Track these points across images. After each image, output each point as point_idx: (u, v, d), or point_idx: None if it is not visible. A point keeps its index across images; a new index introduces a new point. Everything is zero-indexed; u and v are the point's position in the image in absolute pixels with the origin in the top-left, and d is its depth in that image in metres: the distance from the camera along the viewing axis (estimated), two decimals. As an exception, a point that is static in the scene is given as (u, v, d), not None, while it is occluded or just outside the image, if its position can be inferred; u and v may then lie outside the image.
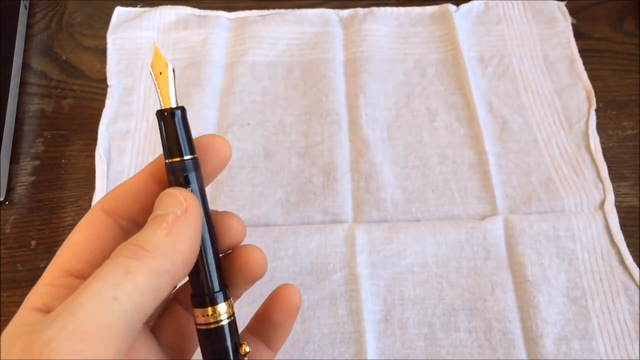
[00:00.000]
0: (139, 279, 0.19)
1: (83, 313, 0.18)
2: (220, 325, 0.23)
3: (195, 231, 0.21)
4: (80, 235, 0.23)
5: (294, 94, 0.48)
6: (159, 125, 0.23)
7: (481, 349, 0.36)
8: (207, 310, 0.23)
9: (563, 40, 0.50)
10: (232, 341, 0.23)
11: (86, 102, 0.48)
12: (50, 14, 0.53)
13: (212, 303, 0.23)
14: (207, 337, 0.23)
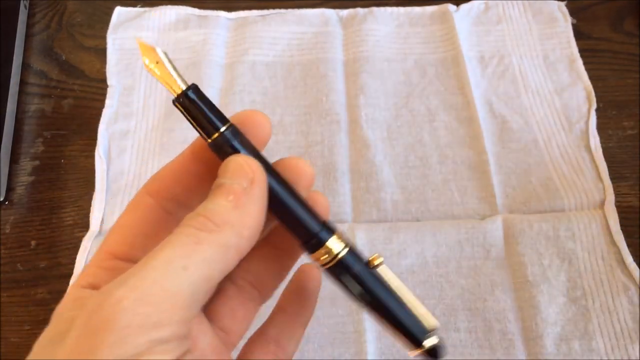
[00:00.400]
0: (208, 251, 0.19)
1: (153, 278, 0.18)
2: (340, 258, 0.23)
3: (261, 204, 0.21)
4: (125, 219, 0.24)
5: (294, 94, 0.48)
6: (182, 113, 0.22)
7: (481, 349, 0.36)
8: (321, 252, 0.23)
9: (563, 40, 0.50)
10: (359, 263, 0.23)
11: (86, 102, 0.48)
12: (50, 13, 0.53)
13: (321, 244, 0.23)
14: (335, 273, 0.23)
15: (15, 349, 0.38)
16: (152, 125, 0.46)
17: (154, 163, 0.44)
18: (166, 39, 0.50)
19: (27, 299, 0.40)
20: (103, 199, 0.42)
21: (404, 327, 0.23)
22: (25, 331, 0.38)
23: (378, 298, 0.23)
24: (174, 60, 0.51)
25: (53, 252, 0.41)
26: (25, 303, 0.39)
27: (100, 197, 0.42)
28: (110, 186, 0.43)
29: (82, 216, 0.43)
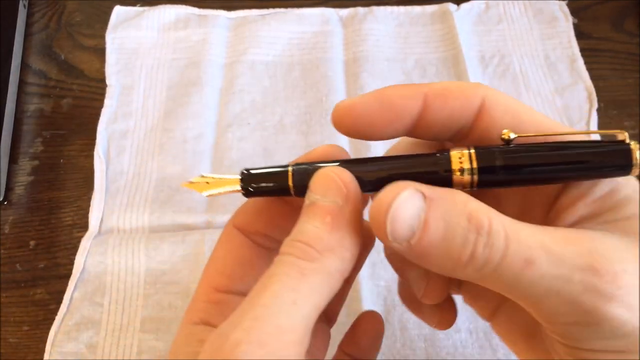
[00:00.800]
0: (314, 282, 0.19)
1: (265, 316, 0.18)
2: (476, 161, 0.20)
3: (358, 221, 0.20)
4: (219, 252, 0.24)
5: (294, 94, 0.47)
6: (259, 193, 0.23)
7: (482, 350, 0.36)
8: (457, 175, 0.20)
9: (564, 40, 0.50)
10: (495, 148, 0.21)
11: (85, 102, 0.48)
12: (50, 13, 0.53)
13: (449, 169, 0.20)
14: (491, 177, 0.20)
15: (14, 349, 0.38)
16: (152, 125, 0.46)
17: (153, 163, 0.44)
18: (166, 39, 0.50)
19: (26, 299, 0.39)
20: (102, 198, 0.42)
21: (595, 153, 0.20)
22: (24, 331, 0.38)
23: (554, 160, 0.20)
24: (174, 59, 0.52)
25: (52, 252, 0.41)
26: (24, 303, 0.39)
27: (100, 197, 0.42)
28: (109, 186, 0.43)
29: (81, 216, 0.43)
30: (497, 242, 0.18)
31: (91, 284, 0.39)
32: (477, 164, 0.20)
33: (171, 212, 0.41)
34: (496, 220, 0.19)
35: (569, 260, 0.18)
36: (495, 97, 0.22)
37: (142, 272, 0.39)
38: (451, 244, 0.19)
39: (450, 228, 0.19)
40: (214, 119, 0.46)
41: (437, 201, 0.19)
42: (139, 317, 0.38)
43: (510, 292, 0.19)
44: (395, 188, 0.19)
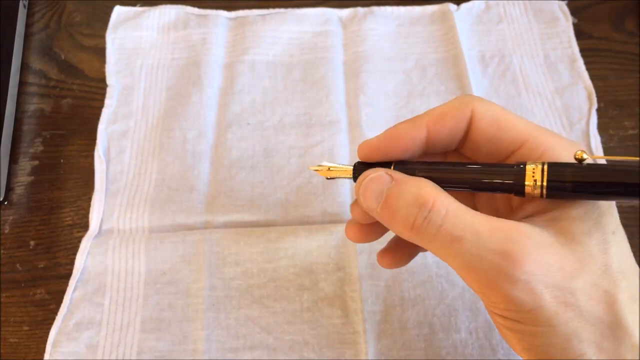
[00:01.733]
0: None
1: None
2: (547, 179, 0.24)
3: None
4: None
5: (294, 94, 0.47)
6: None
7: (482, 350, 0.36)
8: (529, 187, 0.24)
9: (564, 39, 0.50)
10: (568, 167, 0.24)
11: (85, 102, 0.48)
12: (49, 13, 0.53)
13: (521, 184, 0.24)
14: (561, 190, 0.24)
15: (14, 349, 0.38)
16: (152, 124, 0.46)
17: (154, 163, 0.44)
18: (166, 39, 0.50)
19: (26, 299, 0.39)
20: (102, 199, 0.42)
21: None
22: (24, 331, 0.38)
23: (619, 183, 0.23)
24: (174, 59, 0.52)
25: (52, 252, 0.41)
26: (24, 303, 0.39)
27: (100, 197, 0.42)
28: (109, 186, 0.43)
29: (81, 216, 0.43)
30: (435, 218, 0.24)
31: (91, 284, 0.39)
32: (547, 178, 0.24)
33: (171, 212, 0.41)
34: (440, 201, 0.24)
35: (489, 243, 0.23)
36: (482, 109, 0.27)
37: (142, 272, 0.39)
38: (400, 214, 0.25)
39: (401, 202, 0.25)
40: (214, 119, 0.46)
41: (399, 182, 0.26)
42: (139, 317, 0.38)
43: (443, 258, 0.25)
44: (370, 170, 0.27)
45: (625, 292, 0.24)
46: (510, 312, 0.24)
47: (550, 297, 0.23)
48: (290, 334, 0.37)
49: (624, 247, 0.25)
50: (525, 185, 0.24)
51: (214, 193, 0.43)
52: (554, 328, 0.23)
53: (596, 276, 0.23)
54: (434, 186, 0.25)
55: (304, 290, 0.38)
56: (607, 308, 0.23)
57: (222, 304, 0.38)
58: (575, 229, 0.24)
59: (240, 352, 0.36)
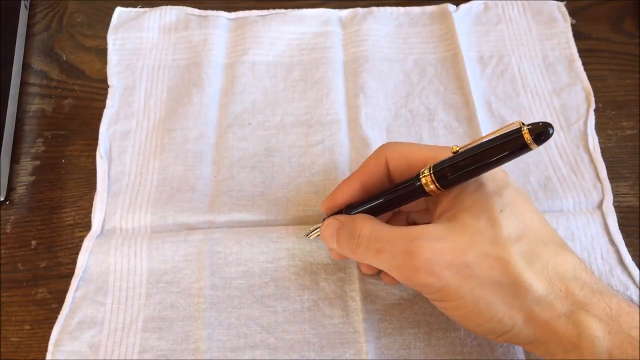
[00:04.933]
0: None
1: None
2: (433, 177, 0.31)
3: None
4: None
5: (294, 94, 0.48)
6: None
7: (480, 348, 0.36)
8: (429, 187, 0.31)
9: (562, 40, 0.50)
10: (446, 162, 0.31)
11: (87, 102, 0.48)
12: (51, 14, 0.53)
13: (421, 189, 0.32)
14: (445, 180, 0.31)
15: (15, 349, 0.38)
16: (153, 125, 0.46)
17: (155, 163, 0.44)
18: (167, 39, 0.51)
19: (27, 298, 0.40)
20: (104, 199, 0.43)
21: (503, 143, 0.28)
22: (26, 331, 0.38)
23: (479, 157, 0.29)
24: (175, 60, 0.52)
25: (53, 252, 0.41)
26: (25, 303, 0.39)
27: (102, 197, 0.43)
28: (111, 186, 0.43)
29: (82, 216, 0.43)
30: (362, 241, 0.32)
31: (93, 284, 0.39)
32: (435, 176, 0.31)
33: (173, 212, 0.42)
34: (365, 229, 0.32)
35: (398, 247, 0.30)
36: (391, 151, 0.35)
37: (144, 272, 0.39)
38: (344, 244, 0.34)
39: (344, 236, 0.34)
40: (215, 119, 0.46)
41: (342, 223, 0.35)
42: (141, 316, 0.38)
43: (378, 266, 0.33)
44: (326, 220, 0.36)
45: (518, 254, 0.28)
46: (431, 294, 0.31)
47: (450, 274, 0.29)
48: (291, 333, 0.37)
49: (520, 217, 0.30)
50: (423, 185, 0.31)
51: (215, 193, 0.43)
52: (464, 298, 0.29)
53: (486, 247, 0.29)
54: (365, 217, 0.34)
55: (305, 290, 0.39)
56: (502, 271, 0.28)
57: (224, 304, 0.38)
58: (465, 216, 0.30)
59: (242, 352, 0.37)
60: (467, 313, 0.30)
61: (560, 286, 0.28)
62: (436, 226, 0.30)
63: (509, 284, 0.28)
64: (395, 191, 0.34)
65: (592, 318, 0.27)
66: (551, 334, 0.28)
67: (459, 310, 0.30)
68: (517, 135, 0.27)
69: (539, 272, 0.28)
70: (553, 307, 0.28)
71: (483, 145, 0.29)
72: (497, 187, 0.31)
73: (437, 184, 0.31)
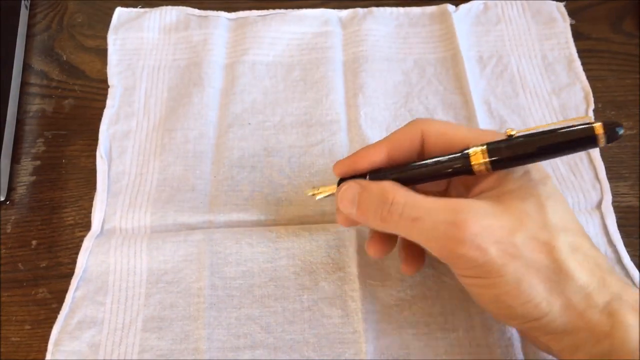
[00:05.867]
0: None
1: None
2: (490, 154, 0.30)
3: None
4: None
5: (294, 94, 0.48)
6: None
7: (479, 348, 0.36)
8: (479, 165, 0.30)
9: (562, 40, 0.50)
10: (502, 143, 0.30)
11: (87, 102, 0.48)
12: (51, 14, 0.53)
13: (469, 163, 0.31)
14: (501, 161, 0.30)
15: (15, 348, 0.38)
16: (153, 125, 0.46)
17: (155, 163, 0.44)
18: (167, 40, 0.51)
19: (27, 298, 0.40)
20: (104, 199, 0.43)
21: (571, 134, 0.28)
22: (26, 331, 0.39)
23: (542, 143, 0.29)
24: (175, 60, 0.52)
25: (54, 252, 0.42)
26: (25, 303, 0.40)
27: (102, 197, 0.43)
28: (111, 186, 0.43)
29: (82, 216, 0.43)
30: (396, 209, 0.30)
31: (93, 284, 0.39)
32: (490, 155, 0.30)
33: (173, 212, 0.42)
34: (398, 195, 0.31)
35: (440, 217, 0.29)
36: (429, 129, 0.33)
37: (144, 272, 0.39)
38: (371, 211, 0.32)
39: (370, 202, 0.32)
40: (215, 119, 0.47)
41: (366, 188, 0.32)
42: (141, 316, 0.38)
43: (409, 236, 0.31)
44: (343, 184, 0.34)
45: (564, 242, 0.28)
46: (468, 269, 0.30)
47: (496, 251, 0.28)
48: (290, 333, 0.37)
49: (562, 210, 0.30)
50: (473, 165, 0.30)
51: (215, 193, 0.43)
52: (505, 277, 0.28)
53: (535, 231, 0.28)
54: (393, 184, 0.32)
55: (305, 289, 0.39)
56: (548, 256, 0.28)
57: (223, 304, 0.38)
58: (512, 198, 0.30)
59: (241, 352, 0.37)
60: (502, 293, 0.29)
61: (599, 277, 0.28)
62: (482, 202, 0.29)
63: (553, 270, 0.28)
64: (436, 163, 0.32)
65: (626, 308, 0.28)
66: (584, 324, 0.28)
67: (493, 289, 0.29)
68: (588, 128, 0.27)
69: (582, 262, 0.28)
70: (591, 298, 0.28)
71: (547, 134, 0.29)
72: (541, 177, 0.31)
73: (489, 164, 0.30)
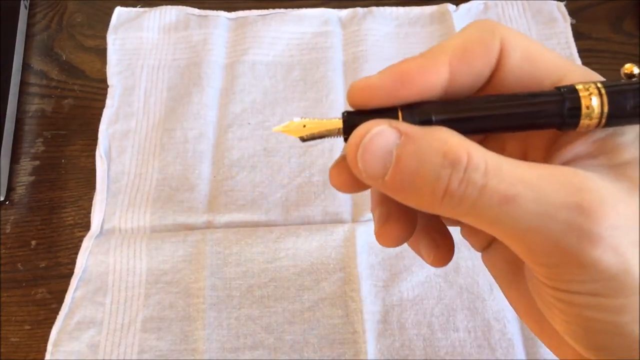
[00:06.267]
0: None
1: None
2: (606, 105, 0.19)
3: None
4: None
5: (294, 94, 0.48)
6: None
7: (480, 349, 0.36)
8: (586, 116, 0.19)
9: (562, 40, 0.50)
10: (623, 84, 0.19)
11: (86, 102, 0.48)
12: (51, 14, 0.53)
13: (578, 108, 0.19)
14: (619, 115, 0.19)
15: (15, 349, 0.38)
16: (153, 125, 0.46)
17: (155, 163, 0.44)
18: (166, 39, 0.51)
19: (27, 298, 0.40)
20: (104, 198, 0.43)
21: None
22: (25, 331, 0.38)
23: None
24: (175, 60, 0.52)
25: (53, 252, 0.41)
26: (25, 303, 0.40)
27: (101, 197, 0.43)
28: (110, 186, 0.43)
29: (82, 216, 0.43)
30: (474, 177, 0.18)
31: (93, 284, 0.39)
32: (608, 102, 0.18)
33: (172, 212, 0.42)
34: (477, 155, 0.18)
35: (553, 197, 0.17)
36: (512, 41, 0.20)
37: (143, 272, 0.39)
38: (424, 180, 0.18)
39: (423, 163, 0.18)
40: (215, 119, 0.46)
41: (412, 137, 0.18)
42: (140, 316, 0.38)
43: (492, 229, 0.19)
44: (368, 124, 0.19)
45: None
46: (587, 283, 0.18)
47: (633, 255, 0.17)
48: (291, 333, 0.37)
49: None
50: (582, 108, 0.18)
51: (214, 193, 0.43)
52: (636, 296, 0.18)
53: None
54: (461, 137, 0.19)
55: (305, 290, 0.39)
56: None
57: (223, 304, 0.38)
58: (634, 173, 0.19)
59: (241, 352, 0.37)
60: (631, 321, 0.18)
61: None
62: (612, 182, 0.18)
63: None
64: (524, 104, 0.19)
65: None
66: None
67: (619, 316, 0.18)
68: None
69: None
70: None
71: None
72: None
73: (605, 117, 0.19)
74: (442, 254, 0.25)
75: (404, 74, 0.20)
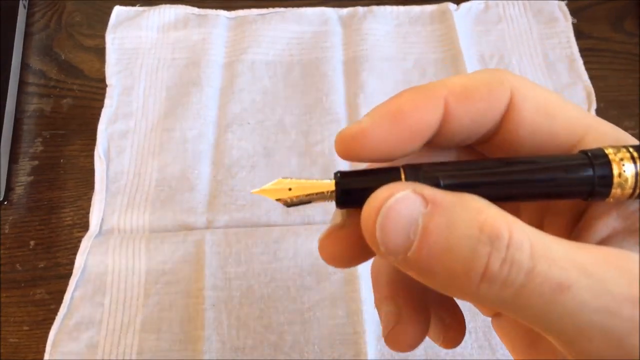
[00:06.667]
0: None
1: None
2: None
3: None
4: None
5: (294, 93, 0.47)
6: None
7: (481, 349, 0.36)
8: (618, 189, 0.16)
9: (563, 39, 0.50)
10: None
11: (85, 102, 0.48)
12: (50, 13, 0.53)
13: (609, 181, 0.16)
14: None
15: (14, 349, 0.38)
16: (152, 125, 0.46)
17: (154, 163, 0.44)
18: (166, 39, 0.50)
19: (25, 299, 0.39)
20: (103, 198, 0.42)
21: None
22: (24, 331, 0.38)
23: None
24: (174, 59, 0.51)
25: (52, 252, 0.41)
26: (24, 303, 0.39)
27: (100, 197, 0.42)
28: (109, 186, 0.43)
29: (81, 216, 0.43)
30: (519, 258, 0.14)
31: (92, 284, 0.39)
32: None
33: (171, 212, 0.41)
34: (520, 231, 0.15)
35: (614, 288, 0.14)
36: (524, 92, 0.18)
37: (142, 272, 0.39)
38: (457, 257, 0.15)
39: (456, 237, 0.15)
40: (214, 118, 0.46)
41: (442, 205, 0.16)
42: (140, 317, 0.38)
43: (536, 322, 0.15)
44: (388, 188, 0.16)
45: None
46: None
47: None
48: (291, 334, 0.37)
49: None
50: (614, 183, 0.16)
51: (214, 193, 0.43)
52: None
53: None
54: (497, 207, 0.16)
55: (305, 290, 0.38)
56: None
57: (223, 304, 0.38)
58: None
59: (241, 352, 0.36)
60: None
61: None
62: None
63: None
64: (548, 168, 0.17)
65: None
66: None
67: None
68: None
69: None
70: None
71: None
72: None
73: (638, 186, 0.16)
74: (452, 335, 0.22)
75: (397, 114, 0.18)
